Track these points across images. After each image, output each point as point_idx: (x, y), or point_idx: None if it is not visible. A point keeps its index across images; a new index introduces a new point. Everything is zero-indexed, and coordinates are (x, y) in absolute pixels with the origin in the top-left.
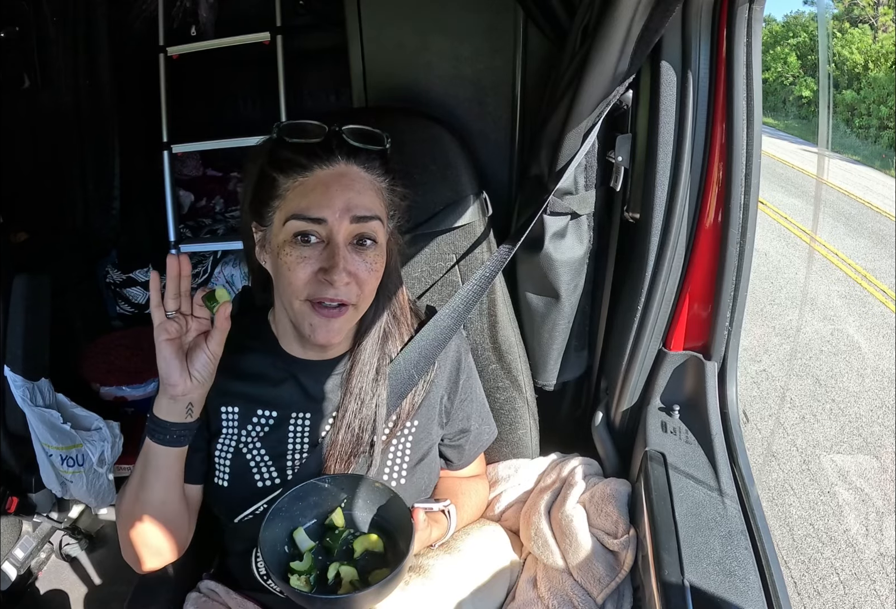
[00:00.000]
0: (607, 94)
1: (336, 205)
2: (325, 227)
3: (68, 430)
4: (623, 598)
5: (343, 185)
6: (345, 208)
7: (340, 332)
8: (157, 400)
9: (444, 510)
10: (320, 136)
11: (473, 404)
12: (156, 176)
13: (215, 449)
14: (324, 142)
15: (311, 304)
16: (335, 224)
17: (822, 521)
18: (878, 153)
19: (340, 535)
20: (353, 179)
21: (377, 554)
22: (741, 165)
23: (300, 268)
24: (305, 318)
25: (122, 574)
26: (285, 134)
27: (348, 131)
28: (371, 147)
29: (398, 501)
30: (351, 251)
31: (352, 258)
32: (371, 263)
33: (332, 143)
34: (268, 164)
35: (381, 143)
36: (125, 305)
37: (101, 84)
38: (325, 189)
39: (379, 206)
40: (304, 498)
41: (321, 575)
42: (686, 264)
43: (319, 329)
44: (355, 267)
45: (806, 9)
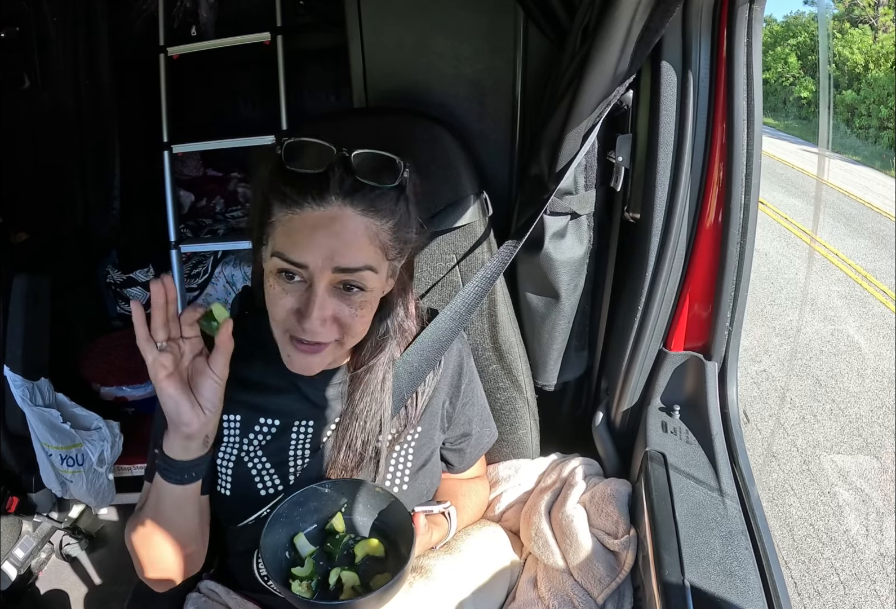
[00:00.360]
0: (607, 95)
1: (319, 253)
2: (307, 271)
3: (68, 429)
4: (623, 598)
5: (331, 233)
6: (328, 257)
7: (320, 365)
8: (167, 441)
9: (444, 512)
10: (321, 167)
11: (475, 408)
12: (156, 176)
13: (217, 456)
14: (322, 174)
15: (291, 337)
16: (316, 271)
17: (822, 521)
18: (878, 153)
19: (341, 540)
20: (344, 226)
21: (378, 558)
22: (741, 165)
23: (280, 303)
24: (284, 348)
25: (122, 574)
26: (286, 157)
27: (358, 158)
28: (376, 184)
29: (398, 506)
30: (333, 295)
31: (333, 303)
32: (356, 308)
33: (330, 176)
34: (268, 187)
35: (394, 175)
36: (125, 305)
37: (101, 84)
38: (311, 233)
39: (372, 255)
40: (304, 503)
41: (323, 580)
42: (686, 264)
43: (296, 362)
44: (337, 311)
45: (806, 9)
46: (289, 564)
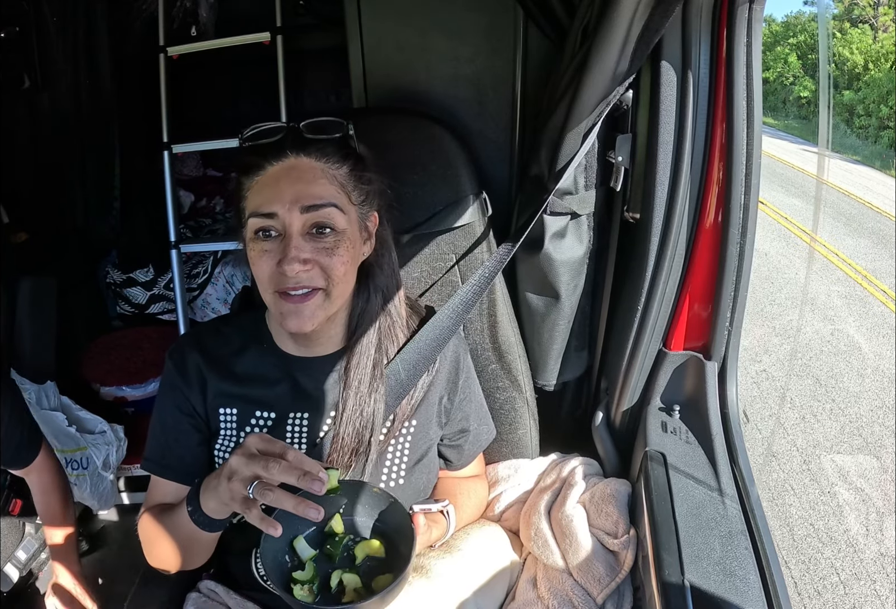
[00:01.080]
0: (607, 94)
1: (285, 198)
2: (279, 220)
3: (73, 433)
4: (623, 598)
5: (292, 178)
6: (293, 200)
7: (313, 318)
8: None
9: (442, 511)
10: (277, 135)
11: (472, 404)
12: (156, 176)
13: (215, 449)
14: (277, 140)
15: (280, 294)
16: (286, 216)
17: (822, 521)
18: (878, 153)
19: (341, 541)
20: (302, 171)
21: (379, 559)
22: (741, 165)
23: (262, 261)
24: (277, 308)
25: (122, 574)
26: (246, 139)
27: (307, 125)
28: (322, 136)
29: (398, 506)
30: (308, 240)
31: (308, 246)
32: (331, 249)
33: (284, 140)
34: (236, 169)
35: (338, 130)
36: (125, 305)
37: (101, 84)
38: (275, 184)
39: (334, 193)
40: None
41: (324, 583)
42: (686, 264)
43: (289, 316)
44: (313, 254)
45: (806, 9)
46: (290, 568)
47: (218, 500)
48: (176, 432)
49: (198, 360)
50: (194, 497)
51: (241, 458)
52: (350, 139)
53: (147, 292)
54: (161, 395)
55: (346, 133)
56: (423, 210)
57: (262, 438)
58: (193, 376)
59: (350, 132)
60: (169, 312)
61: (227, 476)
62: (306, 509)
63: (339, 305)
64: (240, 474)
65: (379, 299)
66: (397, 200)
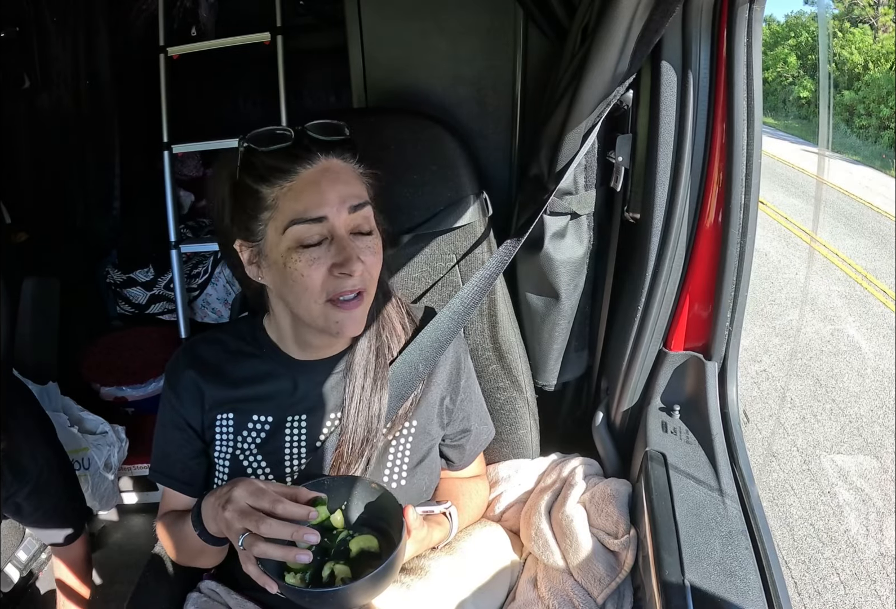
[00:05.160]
0: (607, 95)
1: (332, 199)
2: (327, 224)
3: (76, 433)
4: (623, 598)
5: (331, 179)
6: (340, 201)
7: (363, 320)
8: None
9: (445, 512)
10: (289, 140)
11: (473, 404)
12: (156, 176)
13: (213, 455)
14: (295, 142)
15: (333, 302)
16: (335, 218)
17: (822, 521)
18: (878, 153)
19: (338, 535)
20: (337, 172)
21: (374, 554)
22: (741, 165)
23: (314, 270)
24: (330, 318)
25: (123, 574)
26: (256, 143)
27: (313, 128)
28: (341, 138)
29: (389, 498)
30: (354, 240)
31: (356, 247)
32: (374, 247)
33: (304, 142)
34: (247, 176)
35: (342, 131)
36: (125, 305)
37: (101, 84)
38: (317, 187)
39: (366, 192)
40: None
41: (316, 573)
42: (686, 264)
43: (346, 323)
44: (363, 254)
45: (806, 9)
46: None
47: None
48: (173, 445)
49: (192, 376)
50: (197, 519)
51: (234, 514)
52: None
53: (147, 292)
54: (159, 406)
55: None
56: (423, 210)
57: (250, 492)
58: (187, 392)
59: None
60: (169, 312)
61: (224, 525)
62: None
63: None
64: (232, 528)
65: (380, 295)
66: (394, 200)
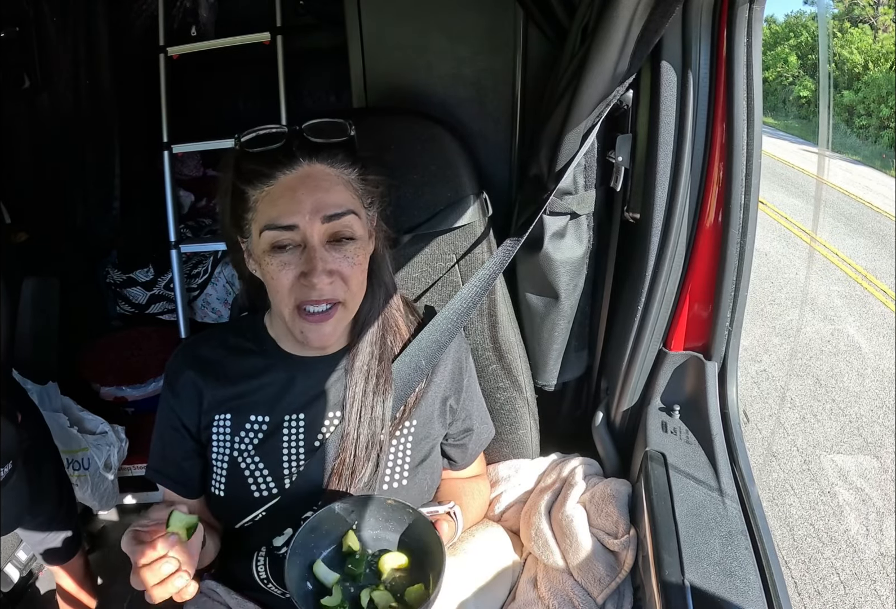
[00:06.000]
0: (607, 95)
1: (305, 208)
2: (299, 232)
3: (75, 433)
4: (623, 598)
5: (309, 187)
6: (314, 210)
7: (333, 334)
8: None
9: (449, 512)
10: (280, 141)
11: (474, 403)
12: (156, 176)
13: (211, 457)
14: (284, 146)
15: (299, 311)
16: (307, 227)
17: (822, 521)
18: (878, 153)
19: (362, 558)
20: (318, 179)
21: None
22: (741, 165)
23: (282, 275)
24: (296, 325)
25: (123, 574)
26: (246, 145)
27: (309, 128)
28: (332, 140)
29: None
30: (329, 249)
31: (331, 257)
32: (352, 258)
33: (292, 145)
34: (235, 177)
35: (344, 133)
36: (125, 305)
37: (101, 84)
38: (292, 194)
39: (350, 199)
40: (317, 528)
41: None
42: (686, 264)
43: (311, 333)
44: (336, 265)
45: (806, 9)
46: (315, 595)
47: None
48: (169, 444)
49: (191, 376)
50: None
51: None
52: (354, 139)
53: (147, 292)
54: (159, 404)
55: (350, 135)
56: (423, 210)
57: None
58: (186, 393)
59: (352, 132)
60: (169, 312)
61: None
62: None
63: (354, 312)
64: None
65: (381, 296)
66: (397, 199)
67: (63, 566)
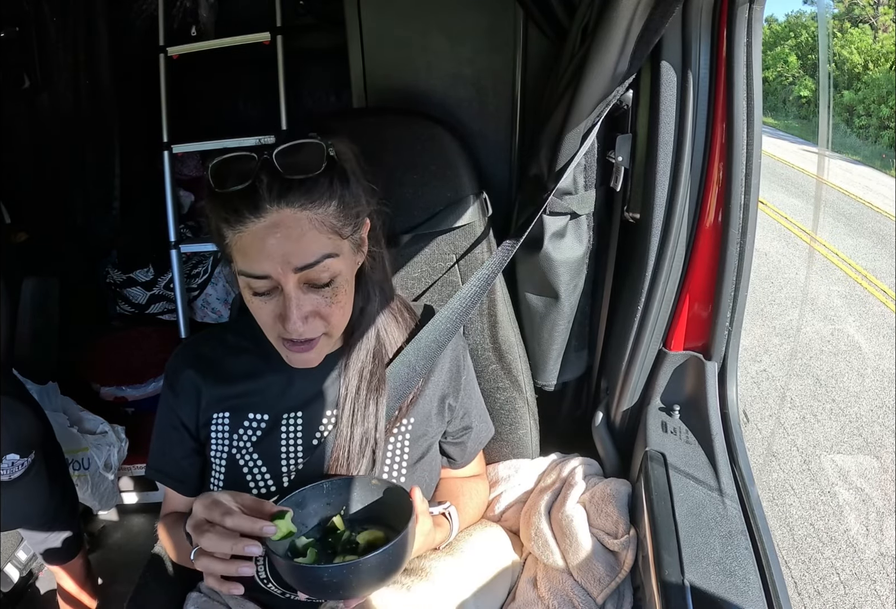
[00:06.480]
0: (607, 94)
1: (275, 259)
2: (272, 280)
3: (76, 433)
4: (623, 598)
5: (280, 237)
6: (285, 262)
7: (318, 358)
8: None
9: (444, 513)
10: (248, 179)
11: (473, 401)
12: (156, 176)
13: (210, 455)
14: (250, 187)
15: (283, 340)
16: (280, 277)
17: (822, 521)
18: (878, 153)
19: (342, 535)
20: (288, 227)
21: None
22: (741, 165)
23: (262, 313)
24: (281, 351)
25: (122, 574)
26: (214, 182)
27: (280, 154)
28: (305, 177)
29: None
30: (307, 291)
31: (308, 299)
32: (331, 297)
33: (258, 186)
34: (211, 211)
35: (321, 157)
36: (125, 305)
37: (101, 84)
38: (261, 245)
39: (326, 243)
40: (303, 505)
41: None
42: (686, 264)
43: (295, 360)
44: (314, 306)
45: (806, 9)
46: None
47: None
48: (168, 443)
49: (191, 375)
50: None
51: (190, 528)
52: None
53: (147, 292)
54: (159, 403)
55: (328, 156)
56: (423, 210)
57: (205, 505)
58: (185, 391)
59: (331, 153)
60: (169, 312)
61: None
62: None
63: (340, 334)
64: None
65: (377, 296)
66: (394, 200)
67: (64, 566)
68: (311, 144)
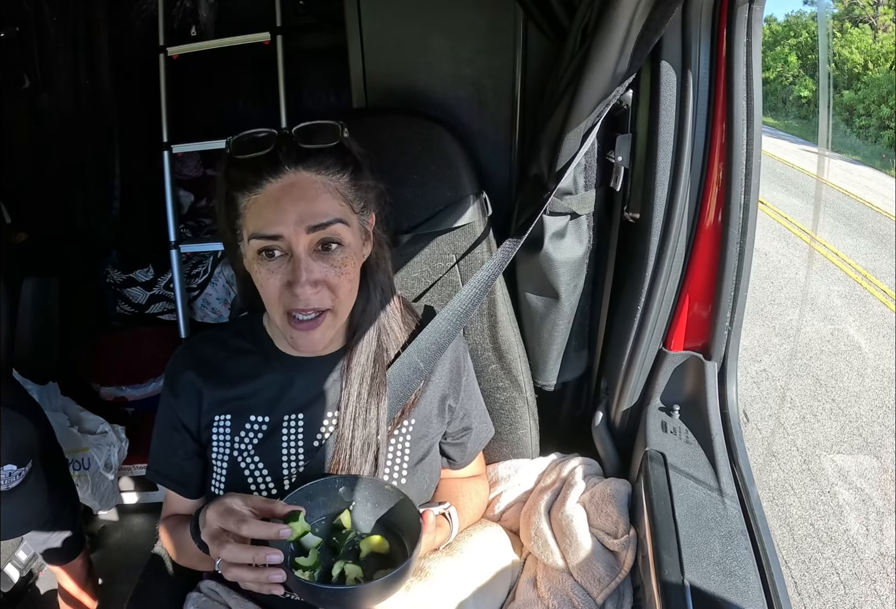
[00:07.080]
0: (607, 94)
1: (289, 219)
2: (284, 241)
3: (76, 433)
4: (623, 598)
5: (294, 197)
6: (298, 220)
7: (323, 340)
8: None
9: (444, 513)
10: (268, 147)
11: (472, 402)
12: (156, 176)
13: (211, 457)
14: (271, 153)
15: (289, 317)
16: (292, 237)
17: (822, 521)
18: (878, 153)
19: (347, 535)
20: (303, 188)
21: (383, 556)
22: (741, 165)
23: (269, 282)
24: (287, 331)
25: (122, 574)
26: (234, 150)
27: (299, 132)
28: (321, 146)
29: (408, 504)
30: (316, 258)
31: (317, 266)
32: (339, 267)
33: (279, 152)
34: (225, 183)
35: (335, 136)
36: (125, 305)
37: (101, 84)
38: (277, 204)
39: (338, 208)
40: (313, 497)
41: (326, 572)
42: (686, 264)
43: (300, 340)
44: (322, 274)
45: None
46: (293, 555)
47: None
48: (169, 445)
49: (191, 376)
50: (195, 532)
51: (207, 538)
52: (346, 143)
53: (147, 292)
54: (159, 405)
55: (342, 137)
56: (423, 210)
57: (219, 513)
58: (185, 393)
59: (345, 135)
60: (169, 312)
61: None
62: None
63: (345, 317)
64: (212, 552)
65: (378, 297)
66: (394, 200)
67: (65, 567)
68: (327, 124)
